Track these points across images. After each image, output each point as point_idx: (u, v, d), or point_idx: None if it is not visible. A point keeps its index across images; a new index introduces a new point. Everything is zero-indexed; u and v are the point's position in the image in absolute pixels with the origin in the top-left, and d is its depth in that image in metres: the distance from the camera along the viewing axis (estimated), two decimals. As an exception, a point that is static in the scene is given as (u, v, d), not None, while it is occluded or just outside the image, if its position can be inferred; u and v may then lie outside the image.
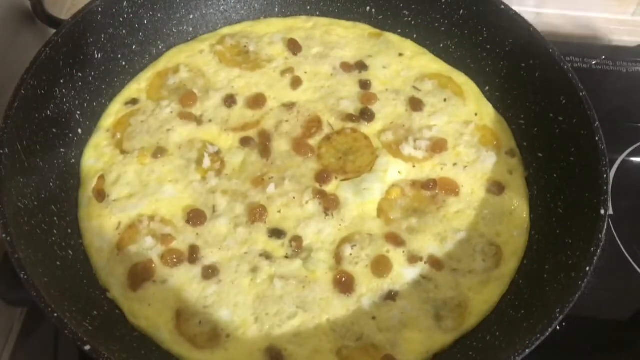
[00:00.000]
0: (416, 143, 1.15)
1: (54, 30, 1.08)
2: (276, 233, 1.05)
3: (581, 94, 1.06)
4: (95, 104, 1.16)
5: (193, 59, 1.25)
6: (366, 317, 0.99)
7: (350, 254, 1.03)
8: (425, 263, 1.04)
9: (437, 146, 1.15)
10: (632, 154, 1.34)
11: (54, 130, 1.06)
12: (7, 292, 0.94)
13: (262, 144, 1.14)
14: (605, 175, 0.99)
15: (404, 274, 1.03)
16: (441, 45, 1.28)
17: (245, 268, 1.01)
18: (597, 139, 1.02)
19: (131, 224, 1.04)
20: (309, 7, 1.33)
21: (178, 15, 1.27)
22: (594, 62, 1.49)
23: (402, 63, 1.26)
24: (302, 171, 1.11)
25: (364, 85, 1.22)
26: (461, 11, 1.23)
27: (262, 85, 1.21)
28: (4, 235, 0.88)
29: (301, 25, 1.31)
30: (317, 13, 1.33)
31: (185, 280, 1.00)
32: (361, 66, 1.25)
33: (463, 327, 1.00)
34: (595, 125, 1.03)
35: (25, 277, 0.85)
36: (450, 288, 1.02)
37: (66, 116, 1.09)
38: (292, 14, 1.33)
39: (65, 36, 1.07)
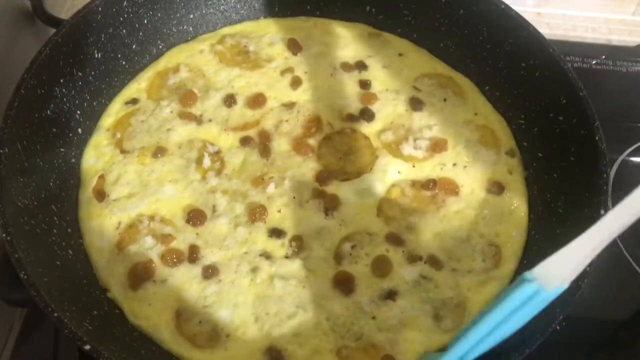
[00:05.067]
0: (416, 143, 1.15)
1: (54, 30, 1.08)
2: (276, 233, 1.05)
3: (581, 94, 1.06)
4: (95, 103, 1.16)
5: (193, 58, 1.25)
6: (366, 317, 0.99)
7: (350, 254, 1.03)
8: (424, 263, 1.04)
9: (437, 146, 1.15)
10: (632, 154, 1.34)
11: (54, 129, 1.06)
12: (7, 292, 0.94)
13: (262, 143, 1.14)
14: (605, 175, 0.99)
15: (403, 273, 1.03)
16: (441, 45, 1.28)
17: (245, 268, 1.01)
18: (597, 139, 1.02)
19: (131, 224, 1.05)
20: (309, 7, 1.33)
21: (178, 15, 1.27)
22: (594, 62, 1.49)
23: (402, 63, 1.26)
24: (302, 171, 1.11)
25: (364, 85, 1.22)
26: (461, 11, 1.23)
27: (262, 85, 1.21)
28: (4, 235, 0.88)
29: (301, 25, 1.31)
30: (317, 13, 1.33)
31: (185, 280, 1.00)
32: (361, 66, 1.25)
33: (462, 327, 0.99)
34: (595, 125, 1.03)
35: (25, 277, 0.85)
36: (449, 288, 1.02)
37: (66, 116, 1.09)
38: (292, 14, 1.33)
39: (65, 36, 1.07)
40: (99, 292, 1.00)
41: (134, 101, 1.19)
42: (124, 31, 1.19)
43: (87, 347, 0.82)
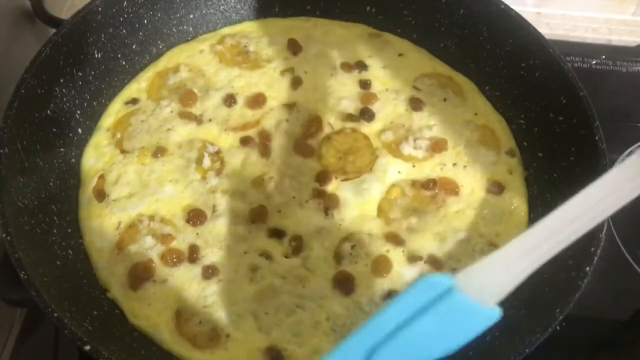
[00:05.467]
0: (416, 143, 1.15)
1: (54, 30, 1.08)
2: (276, 233, 1.05)
3: (581, 94, 1.06)
4: (95, 103, 1.16)
5: (193, 58, 1.25)
6: (366, 316, 0.98)
7: (350, 254, 1.03)
8: (424, 262, 1.04)
9: (437, 146, 1.15)
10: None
11: (54, 129, 1.06)
12: (7, 292, 0.94)
13: (262, 143, 1.14)
14: (605, 175, 0.99)
15: (403, 273, 1.03)
16: (441, 45, 1.28)
17: (245, 268, 1.01)
18: (597, 139, 1.02)
19: (131, 224, 1.05)
20: (308, 7, 1.33)
21: (178, 15, 1.27)
22: (594, 62, 1.49)
23: (402, 63, 1.26)
24: (302, 171, 1.11)
25: (364, 85, 1.22)
26: (461, 11, 1.23)
27: (262, 85, 1.21)
28: (4, 235, 0.88)
29: (301, 25, 1.31)
30: (317, 13, 1.33)
31: (185, 279, 1.00)
32: (361, 66, 1.25)
33: (463, 327, 0.99)
34: (595, 125, 1.03)
35: (25, 277, 0.85)
36: (450, 288, 1.02)
37: (66, 116, 1.09)
38: (292, 14, 1.33)
39: (65, 36, 1.07)
40: (99, 292, 1.00)
41: (134, 101, 1.19)
42: (124, 31, 1.19)
43: (87, 347, 0.82)
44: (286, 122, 1.17)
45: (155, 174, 1.10)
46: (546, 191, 1.10)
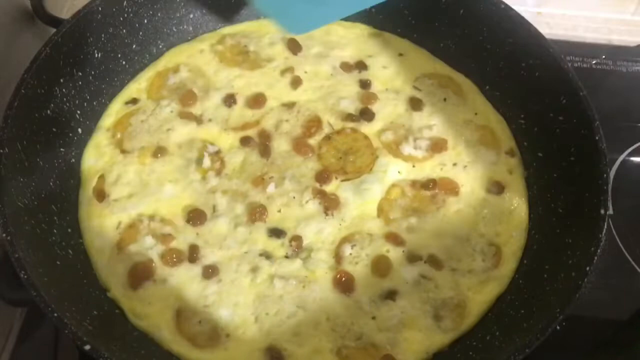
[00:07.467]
0: (416, 143, 1.15)
1: (54, 30, 1.08)
2: (276, 233, 1.05)
3: (581, 94, 1.06)
4: (95, 103, 1.16)
5: (193, 58, 1.25)
6: (366, 316, 0.99)
7: (350, 254, 1.03)
8: (425, 262, 1.04)
9: (437, 146, 1.15)
10: (632, 154, 1.34)
11: (54, 129, 1.06)
12: (7, 292, 0.94)
13: (262, 143, 1.14)
14: (605, 175, 0.99)
15: (403, 273, 1.03)
16: (441, 45, 1.28)
17: (246, 268, 1.01)
18: (597, 139, 1.02)
19: (131, 224, 1.05)
20: (309, 7, 1.33)
21: (178, 15, 1.27)
22: (594, 62, 1.49)
23: (402, 63, 1.26)
24: (302, 171, 1.11)
25: (364, 85, 1.22)
26: (461, 11, 1.23)
27: (262, 84, 1.21)
28: (4, 235, 0.88)
29: (301, 25, 1.31)
30: (317, 13, 1.33)
31: (185, 279, 1.00)
32: (361, 66, 1.25)
33: (462, 327, 1.00)
34: (595, 125, 1.03)
35: (25, 277, 0.85)
36: (449, 288, 1.02)
37: (66, 115, 1.09)
38: (292, 14, 1.33)
39: (66, 35, 1.07)
40: (99, 292, 1.00)
41: (134, 101, 1.19)
42: (124, 31, 1.19)
43: (87, 347, 0.82)
44: (286, 122, 1.17)
45: (155, 174, 1.10)
46: (546, 191, 1.10)
